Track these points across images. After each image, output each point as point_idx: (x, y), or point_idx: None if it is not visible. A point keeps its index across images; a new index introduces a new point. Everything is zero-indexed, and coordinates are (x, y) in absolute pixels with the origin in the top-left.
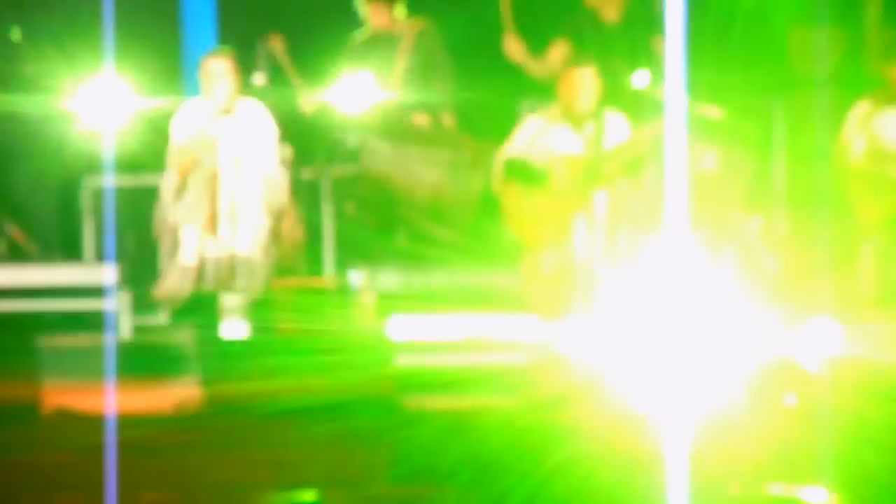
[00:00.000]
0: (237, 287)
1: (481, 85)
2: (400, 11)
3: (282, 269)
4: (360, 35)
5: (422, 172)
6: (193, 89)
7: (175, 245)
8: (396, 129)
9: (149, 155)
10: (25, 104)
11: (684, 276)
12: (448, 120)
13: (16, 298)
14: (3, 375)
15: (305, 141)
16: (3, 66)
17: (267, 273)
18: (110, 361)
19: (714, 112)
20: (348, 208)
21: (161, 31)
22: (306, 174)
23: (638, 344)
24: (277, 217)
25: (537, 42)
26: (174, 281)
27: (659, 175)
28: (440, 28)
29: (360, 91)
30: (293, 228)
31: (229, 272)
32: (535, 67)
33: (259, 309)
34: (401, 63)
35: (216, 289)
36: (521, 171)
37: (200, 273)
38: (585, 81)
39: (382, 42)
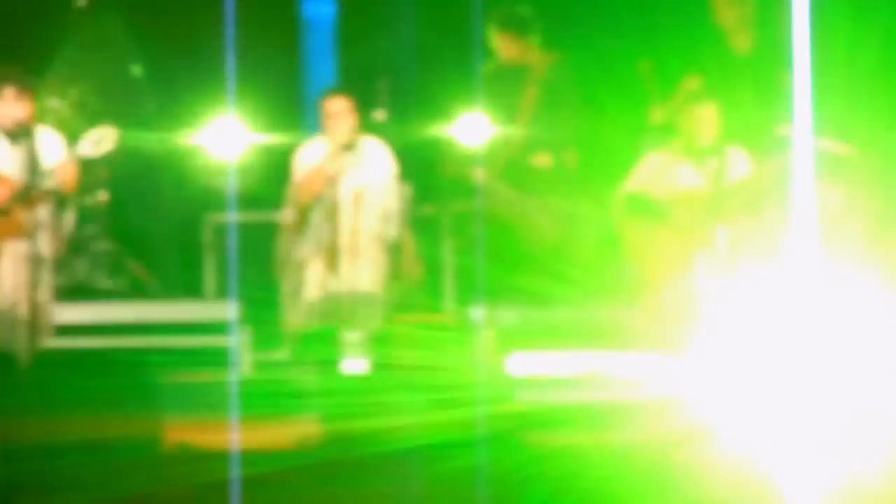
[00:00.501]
0: (357, 323)
1: (603, 120)
2: (533, 43)
3: (401, 304)
4: (489, 67)
5: (541, 213)
6: (314, 125)
7: (296, 281)
8: (517, 172)
9: (270, 191)
10: (147, 140)
11: (809, 312)
12: (571, 157)
13: (137, 335)
14: (124, 411)
15: (426, 177)
16: (124, 103)
17: (386, 309)
18: (231, 397)
19: (840, 148)
20: (469, 244)
21: (282, 68)
22: (427, 210)
23: (761, 381)
24: (397, 253)
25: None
26: (297, 317)
27: (782, 211)
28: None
29: (485, 125)
30: (412, 264)
31: (349, 308)
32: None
33: (379, 345)
34: (530, 97)
35: (337, 325)
36: (641, 207)
37: (321, 309)
38: (708, 117)
39: (512, 74)
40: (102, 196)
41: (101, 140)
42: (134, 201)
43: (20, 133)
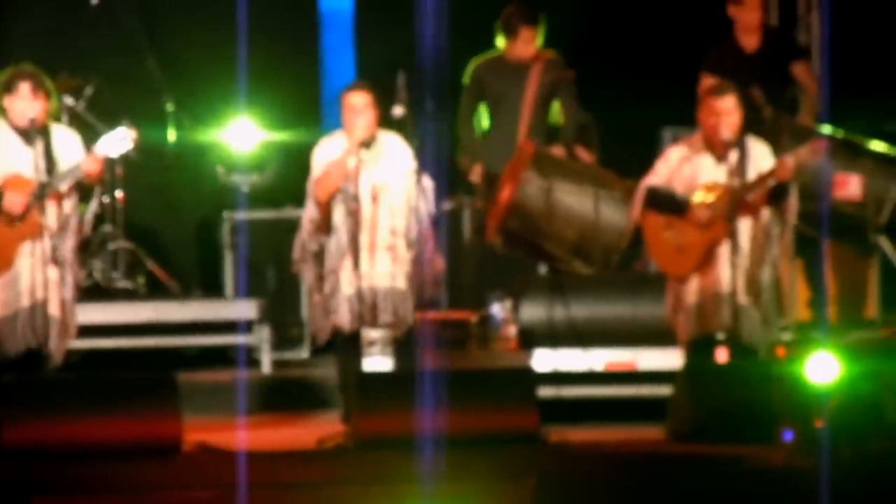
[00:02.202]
0: (380, 320)
1: (622, 114)
2: (538, 41)
3: (423, 301)
4: (484, 63)
5: (572, 207)
6: (333, 121)
7: (317, 278)
8: (546, 165)
9: (288, 188)
10: (163, 137)
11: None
12: (581, 152)
13: (156, 335)
14: (143, 412)
15: (445, 172)
16: (141, 100)
17: (409, 306)
18: (250, 397)
19: (857, 138)
20: (493, 240)
21: (300, 64)
22: (448, 205)
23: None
24: (419, 249)
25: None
26: (319, 314)
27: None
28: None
29: (485, 120)
30: (434, 260)
31: (371, 305)
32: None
33: (403, 342)
34: (531, 92)
35: (359, 322)
36: (662, 201)
37: (348, 308)
38: (727, 110)
39: (511, 70)
40: (119, 195)
41: (121, 139)
42: (151, 200)
43: (36, 131)
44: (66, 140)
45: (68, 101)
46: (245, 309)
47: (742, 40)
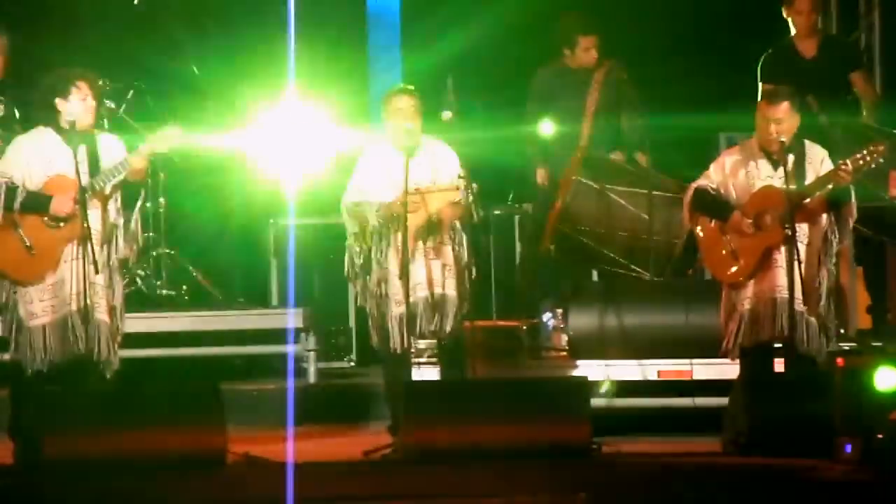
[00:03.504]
0: (426, 329)
1: (678, 119)
2: (599, 46)
3: (473, 309)
4: (548, 71)
5: (625, 209)
6: (379, 126)
7: (365, 286)
8: (598, 168)
9: (335, 193)
10: (209, 142)
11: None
12: (642, 158)
13: (199, 344)
14: (187, 423)
15: (495, 177)
16: (184, 104)
17: (459, 314)
18: (295, 407)
19: None
20: (543, 246)
21: (348, 65)
22: (498, 211)
23: None
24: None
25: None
26: (376, 321)
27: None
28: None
29: (550, 127)
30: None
31: (417, 315)
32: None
33: (450, 351)
34: (593, 99)
35: (408, 330)
36: (708, 204)
37: (398, 317)
38: (782, 117)
39: (574, 78)
40: (161, 201)
41: (167, 137)
42: (195, 206)
43: (81, 134)
44: (110, 143)
45: (110, 104)
46: (291, 318)
47: (799, 46)
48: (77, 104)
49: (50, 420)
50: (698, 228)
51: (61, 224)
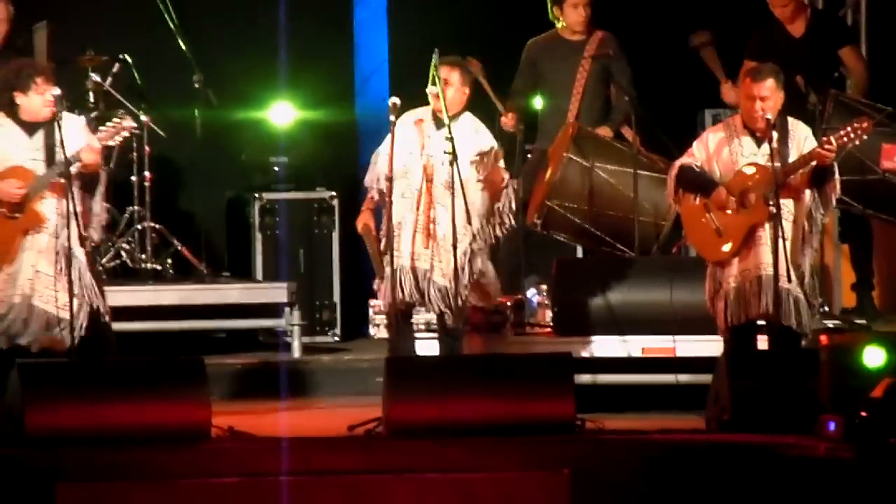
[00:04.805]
0: (432, 302)
1: (662, 95)
2: (586, 10)
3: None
4: (538, 42)
5: (613, 187)
6: (365, 101)
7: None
8: (589, 145)
9: (320, 169)
10: (192, 117)
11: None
12: (629, 133)
13: (183, 318)
14: (171, 396)
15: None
16: (172, 79)
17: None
18: (281, 381)
19: None
20: (532, 220)
21: (333, 43)
22: None
23: None
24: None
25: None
26: (386, 289)
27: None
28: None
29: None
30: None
31: (426, 286)
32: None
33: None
34: (583, 71)
35: (413, 302)
36: (692, 181)
37: (407, 287)
38: (766, 93)
39: (564, 49)
40: (147, 175)
41: (118, 132)
42: (180, 180)
43: (41, 124)
44: (70, 127)
45: (95, 77)
46: (275, 292)
47: (787, 25)
48: (36, 98)
49: (32, 392)
50: (683, 206)
51: (17, 215)
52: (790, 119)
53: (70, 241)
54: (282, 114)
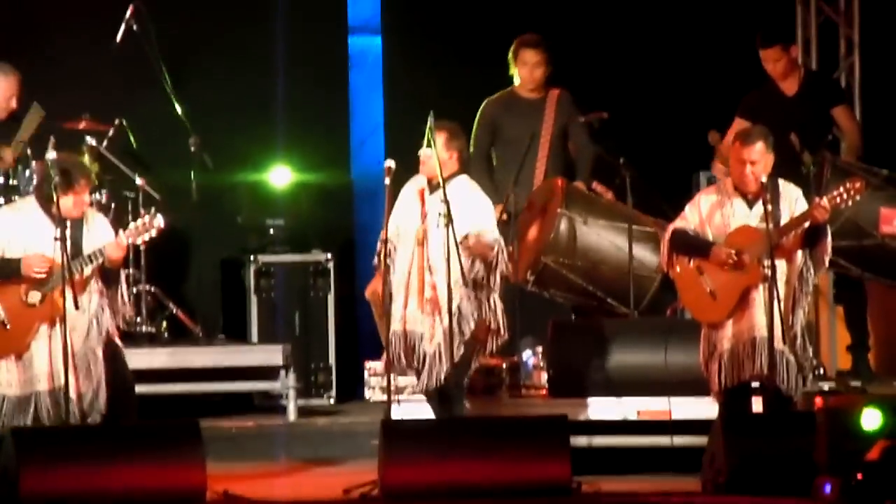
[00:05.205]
0: (412, 367)
1: (657, 157)
2: (541, 69)
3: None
4: (496, 100)
5: (606, 243)
6: (361, 164)
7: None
8: (578, 200)
9: (315, 231)
10: (188, 180)
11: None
12: (599, 187)
13: (179, 381)
14: (166, 459)
15: None
16: (167, 142)
17: (446, 357)
18: (275, 444)
19: None
20: (521, 279)
21: (329, 105)
22: None
23: None
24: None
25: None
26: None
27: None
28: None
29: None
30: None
31: (419, 350)
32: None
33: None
34: (547, 129)
35: (408, 366)
36: (687, 244)
37: (397, 351)
38: (755, 158)
39: (523, 106)
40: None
41: (147, 230)
42: (174, 242)
43: (70, 220)
44: (95, 223)
45: (91, 141)
46: (271, 354)
47: (781, 84)
48: (72, 199)
49: (27, 455)
50: (676, 269)
51: (38, 303)
52: (780, 181)
53: (91, 332)
54: (280, 177)
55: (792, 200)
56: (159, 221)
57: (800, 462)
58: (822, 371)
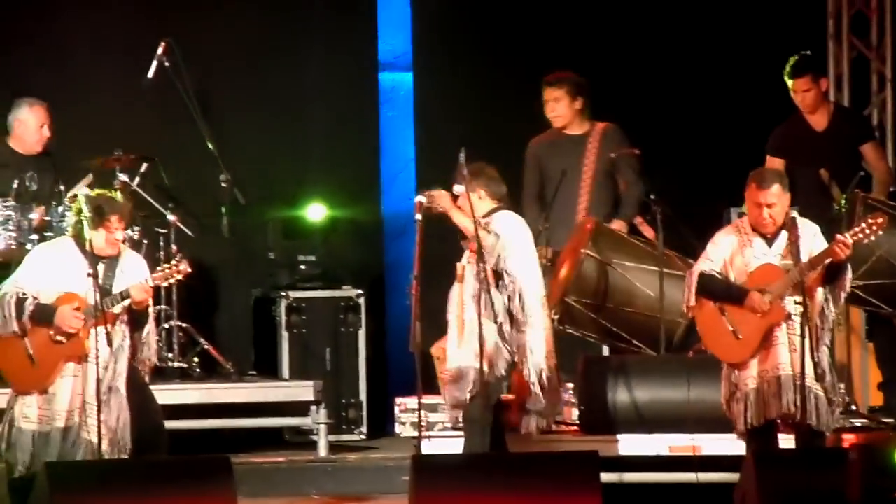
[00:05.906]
0: (458, 401)
1: (688, 192)
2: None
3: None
4: (540, 139)
5: (633, 284)
6: (391, 199)
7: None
8: (607, 241)
9: (346, 266)
10: (222, 216)
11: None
12: (645, 228)
13: (210, 416)
14: (198, 495)
15: None
16: (199, 179)
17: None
18: (306, 480)
19: None
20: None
21: (360, 141)
22: None
23: None
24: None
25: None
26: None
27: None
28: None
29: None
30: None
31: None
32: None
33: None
34: (589, 166)
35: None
36: (717, 289)
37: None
38: (770, 201)
39: (569, 145)
40: None
41: (173, 275)
42: (205, 277)
43: (104, 258)
44: (129, 265)
45: (123, 177)
46: (302, 390)
47: (810, 119)
48: (104, 235)
49: (59, 491)
50: (699, 310)
51: (65, 340)
52: (797, 217)
53: (115, 373)
54: (316, 213)
55: (810, 236)
56: (186, 266)
57: (833, 499)
58: (854, 408)
